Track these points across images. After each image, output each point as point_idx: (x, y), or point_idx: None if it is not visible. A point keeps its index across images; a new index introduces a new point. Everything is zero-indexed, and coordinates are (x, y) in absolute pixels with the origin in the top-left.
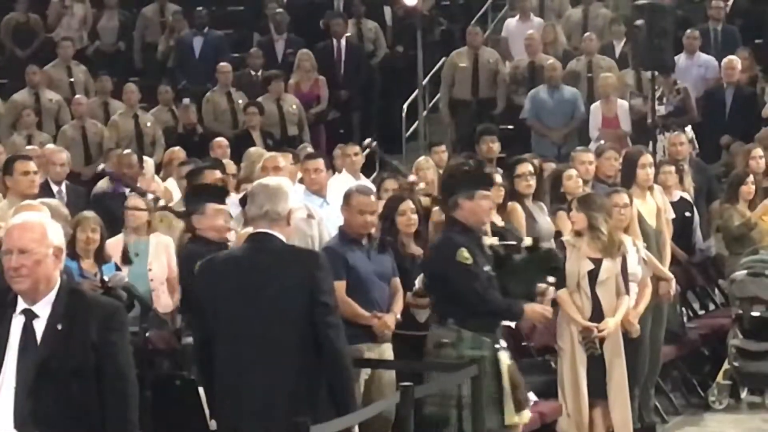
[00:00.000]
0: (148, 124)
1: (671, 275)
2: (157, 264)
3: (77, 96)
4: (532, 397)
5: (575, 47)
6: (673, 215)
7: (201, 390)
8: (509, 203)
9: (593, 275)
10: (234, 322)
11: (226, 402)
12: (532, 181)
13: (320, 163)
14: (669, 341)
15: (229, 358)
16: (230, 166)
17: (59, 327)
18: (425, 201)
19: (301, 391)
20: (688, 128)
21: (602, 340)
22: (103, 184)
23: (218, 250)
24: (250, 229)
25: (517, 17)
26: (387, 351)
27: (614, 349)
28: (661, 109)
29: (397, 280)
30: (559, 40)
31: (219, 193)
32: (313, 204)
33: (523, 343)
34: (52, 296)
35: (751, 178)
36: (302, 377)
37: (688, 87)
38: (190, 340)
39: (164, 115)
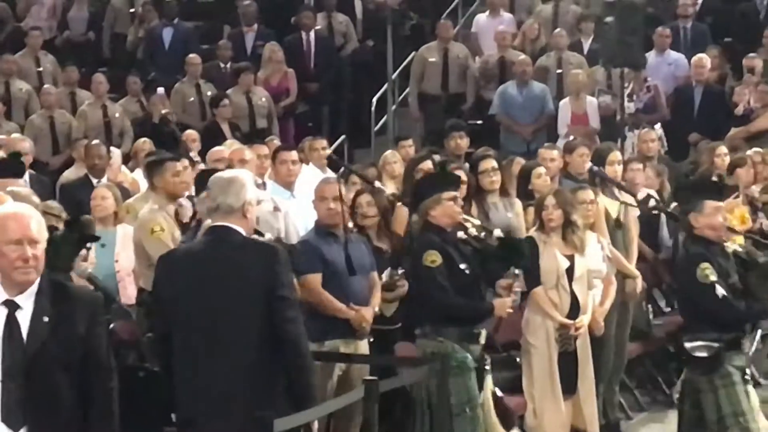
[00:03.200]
0: (117, 114)
1: (637, 272)
2: (124, 255)
3: (45, 86)
4: (497, 392)
5: (547, 43)
6: (638, 212)
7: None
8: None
9: (570, 272)
10: (193, 316)
11: (185, 395)
12: (496, 177)
13: (294, 155)
14: (635, 338)
15: (188, 351)
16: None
17: (45, 319)
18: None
19: (259, 385)
20: (657, 126)
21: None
22: (70, 174)
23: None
24: (209, 222)
25: (488, 12)
26: (363, 346)
27: (585, 345)
28: (631, 106)
29: (374, 274)
30: (530, 36)
31: None
32: (280, 197)
33: (496, 339)
34: (34, 288)
35: (715, 176)
36: (261, 371)
37: (658, 84)
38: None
39: (133, 106)
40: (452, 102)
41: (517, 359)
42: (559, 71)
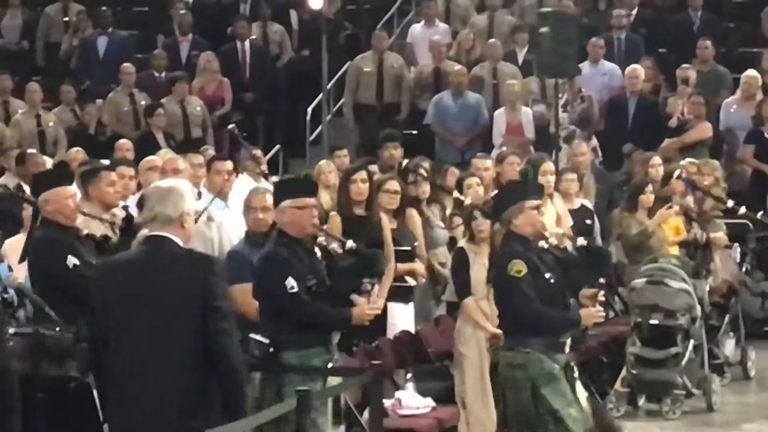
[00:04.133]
0: (51, 124)
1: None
2: None
3: None
4: (430, 402)
5: (482, 54)
6: (571, 222)
7: (96, 393)
8: (407, 209)
9: None
10: (126, 326)
11: (118, 406)
12: (427, 187)
13: (229, 165)
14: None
15: (121, 361)
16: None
17: None
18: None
19: (193, 397)
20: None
21: None
22: (4, 181)
23: None
24: (146, 232)
25: (423, 23)
26: None
27: None
28: (565, 117)
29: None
30: (465, 46)
31: None
32: (215, 207)
33: (429, 349)
34: None
35: (649, 187)
36: (194, 382)
37: (592, 95)
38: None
39: (66, 115)
40: (387, 112)
41: (450, 369)
42: (494, 81)
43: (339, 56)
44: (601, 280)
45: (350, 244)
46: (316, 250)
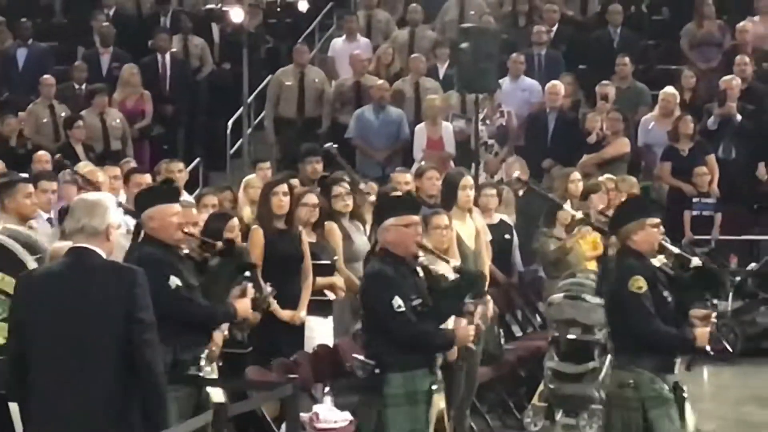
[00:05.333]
0: None
1: (489, 297)
2: None
3: None
4: (347, 416)
5: (401, 68)
6: (490, 237)
7: (12, 406)
8: (326, 222)
9: None
10: (49, 338)
11: (39, 420)
12: (349, 201)
13: (147, 178)
14: (486, 362)
15: (44, 373)
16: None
17: None
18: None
19: (115, 409)
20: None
21: None
22: None
23: None
24: (66, 243)
25: (344, 37)
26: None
27: None
28: (484, 131)
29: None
30: (385, 61)
31: None
32: (133, 220)
33: (348, 363)
34: None
35: (567, 202)
36: (117, 394)
37: (512, 110)
38: None
39: None
40: (308, 126)
41: None
42: (415, 96)
43: (260, 70)
44: (715, 301)
45: (453, 263)
46: (418, 269)
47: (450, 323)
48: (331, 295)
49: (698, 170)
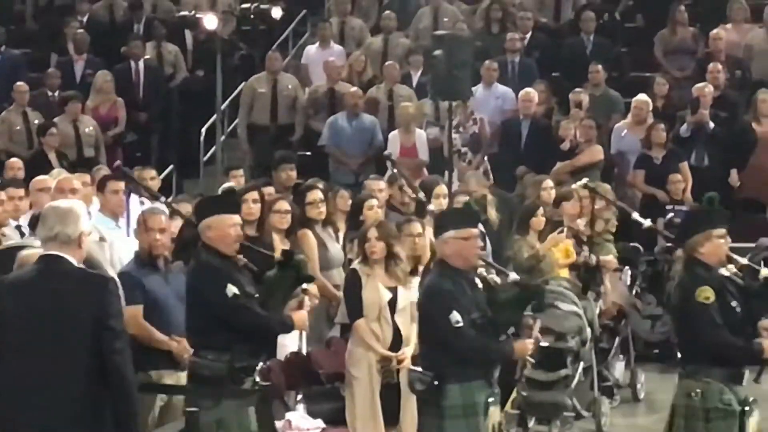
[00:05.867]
0: None
1: None
2: None
3: None
4: (320, 424)
5: (375, 75)
6: None
7: None
8: (300, 230)
9: (393, 304)
10: (19, 345)
11: (9, 426)
12: (323, 208)
13: (121, 185)
14: None
15: (13, 380)
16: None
17: None
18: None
19: (85, 417)
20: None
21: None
22: None
23: None
24: (37, 251)
25: (317, 44)
26: (185, 378)
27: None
28: (457, 138)
29: None
30: (357, 68)
31: None
32: (105, 226)
33: (321, 371)
34: None
35: (541, 210)
36: (86, 402)
37: (485, 118)
38: None
39: None
40: (281, 133)
41: (341, 391)
42: (388, 103)
43: (233, 77)
44: None
45: (513, 276)
46: (477, 281)
47: None
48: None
49: (672, 177)
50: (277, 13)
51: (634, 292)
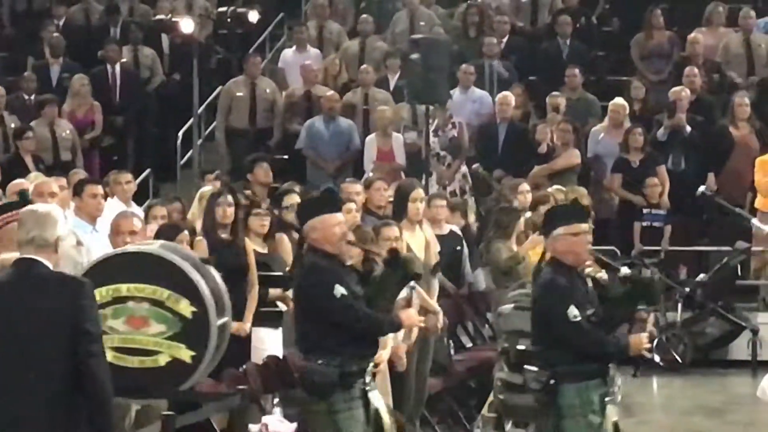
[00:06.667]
0: None
1: (438, 308)
2: None
3: None
4: (297, 427)
5: (352, 79)
6: (439, 248)
7: None
8: (277, 234)
9: None
10: None
11: None
12: None
13: (99, 189)
14: (436, 373)
15: None
16: None
17: None
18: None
19: (61, 420)
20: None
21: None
22: None
23: None
24: (12, 255)
25: (294, 48)
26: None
27: (384, 379)
28: (435, 142)
29: None
30: (332, 72)
31: None
32: (82, 231)
33: (297, 374)
34: None
35: (523, 219)
36: (61, 406)
37: (463, 121)
38: None
39: None
40: (259, 136)
41: None
42: (365, 107)
43: (210, 81)
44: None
45: (624, 270)
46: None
47: None
48: (283, 307)
49: (649, 181)
50: (254, 16)
51: None
